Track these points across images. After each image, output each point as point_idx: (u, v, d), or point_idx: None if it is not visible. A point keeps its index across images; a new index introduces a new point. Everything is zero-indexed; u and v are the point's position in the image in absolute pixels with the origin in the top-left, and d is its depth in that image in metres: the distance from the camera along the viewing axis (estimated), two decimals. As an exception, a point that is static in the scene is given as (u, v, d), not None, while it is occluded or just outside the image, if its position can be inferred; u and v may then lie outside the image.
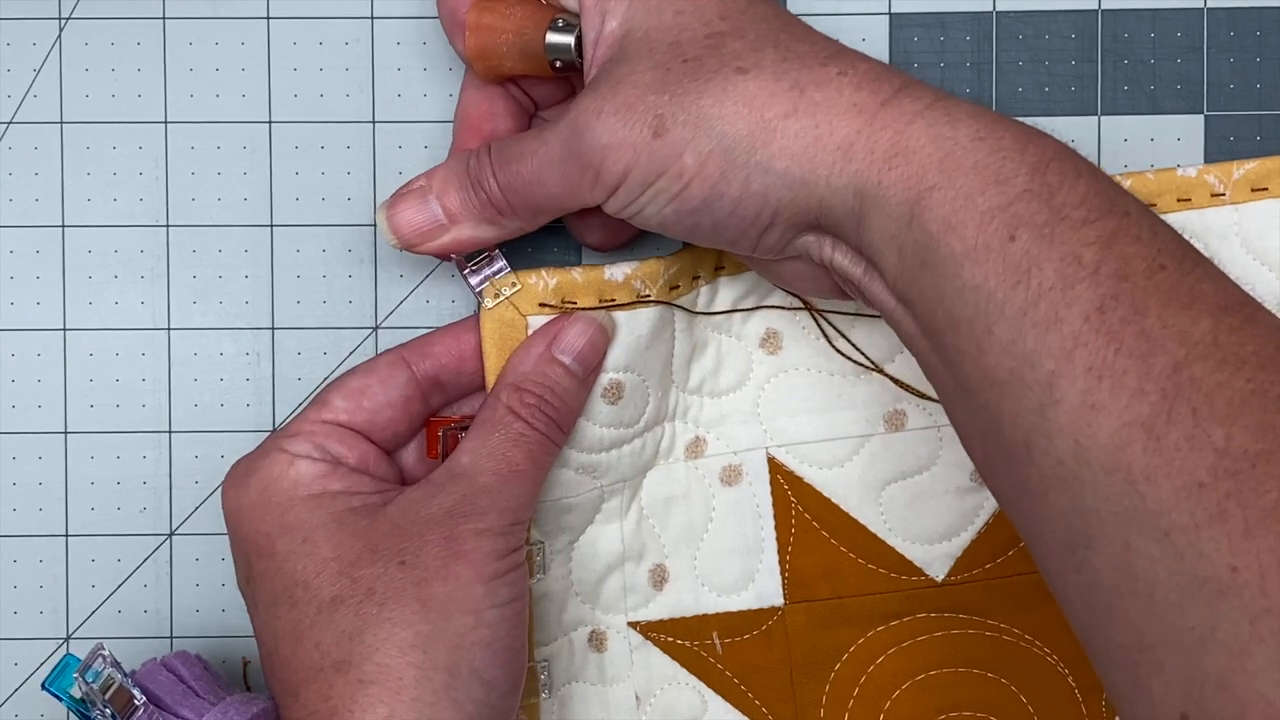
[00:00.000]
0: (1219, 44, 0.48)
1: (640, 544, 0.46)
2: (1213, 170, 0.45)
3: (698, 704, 0.47)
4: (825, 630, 0.47)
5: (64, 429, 0.48)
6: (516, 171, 0.41)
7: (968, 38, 0.48)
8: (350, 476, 0.41)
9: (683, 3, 0.39)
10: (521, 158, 0.40)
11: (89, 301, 0.48)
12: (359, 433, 0.42)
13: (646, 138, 0.38)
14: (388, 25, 0.48)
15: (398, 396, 0.43)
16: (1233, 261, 0.45)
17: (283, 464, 0.41)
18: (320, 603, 0.39)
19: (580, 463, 0.44)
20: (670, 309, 0.44)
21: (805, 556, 0.46)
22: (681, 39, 0.39)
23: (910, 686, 0.47)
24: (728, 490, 0.46)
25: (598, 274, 0.43)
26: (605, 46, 0.40)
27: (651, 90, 0.38)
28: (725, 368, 0.46)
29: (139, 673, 0.44)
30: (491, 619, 0.39)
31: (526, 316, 0.43)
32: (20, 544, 0.48)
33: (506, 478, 0.41)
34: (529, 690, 0.45)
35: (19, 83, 0.48)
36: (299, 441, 0.42)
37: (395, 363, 0.43)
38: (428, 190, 0.42)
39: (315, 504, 0.40)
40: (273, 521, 0.40)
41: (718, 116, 0.37)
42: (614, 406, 0.44)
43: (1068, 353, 0.33)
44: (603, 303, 0.43)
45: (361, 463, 0.42)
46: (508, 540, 0.40)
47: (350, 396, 0.43)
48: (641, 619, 0.46)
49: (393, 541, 0.39)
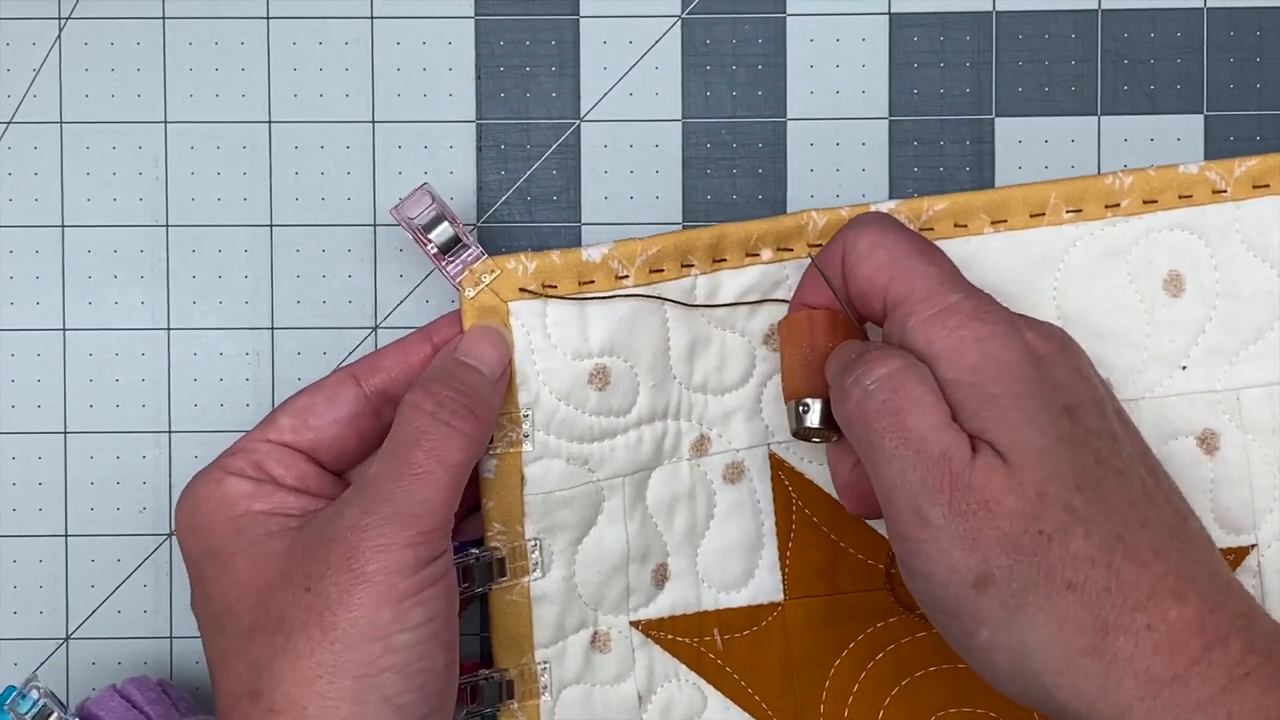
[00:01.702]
0: (1219, 44, 0.48)
1: (645, 545, 0.46)
2: (1214, 167, 0.45)
3: (698, 701, 0.47)
4: (825, 626, 0.47)
5: (64, 429, 0.48)
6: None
7: (968, 38, 0.48)
8: (275, 495, 0.41)
9: (1054, 464, 0.37)
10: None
11: (89, 301, 0.48)
12: (302, 452, 0.42)
13: (967, 583, 0.37)
14: (388, 25, 0.48)
15: (345, 414, 0.42)
16: (1233, 258, 0.45)
17: (213, 484, 0.41)
18: (241, 630, 0.39)
19: (571, 453, 0.44)
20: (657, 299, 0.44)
21: (805, 552, 0.46)
22: (1044, 510, 0.36)
23: (910, 682, 0.47)
24: (730, 488, 0.46)
25: (575, 256, 0.43)
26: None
27: (1001, 547, 0.36)
28: (729, 364, 0.46)
29: (92, 700, 0.44)
30: (402, 643, 0.38)
31: (508, 303, 0.43)
32: (20, 544, 0.48)
33: (408, 482, 0.39)
34: (529, 693, 0.45)
35: (19, 83, 0.48)
36: (238, 459, 0.41)
37: (343, 380, 0.43)
38: None
39: (237, 527, 0.40)
40: (201, 546, 0.40)
41: (1030, 623, 0.36)
42: (602, 393, 0.44)
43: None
44: (582, 285, 0.43)
45: (300, 482, 0.41)
46: (416, 554, 0.38)
47: (296, 415, 0.42)
48: (643, 618, 0.46)
49: (301, 566, 0.39)
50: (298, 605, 0.38)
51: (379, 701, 0.38)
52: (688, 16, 0.48)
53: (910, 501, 0.37)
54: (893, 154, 0.48)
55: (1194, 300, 0.45)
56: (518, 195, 0.48)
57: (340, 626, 0.37)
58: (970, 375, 0.38)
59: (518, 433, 0.44)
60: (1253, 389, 0.45)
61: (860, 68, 0.48)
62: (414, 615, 0.38)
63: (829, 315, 0.42)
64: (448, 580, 0.39)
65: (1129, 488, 0.38)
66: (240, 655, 0.39)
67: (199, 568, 0.40)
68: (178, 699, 0.46)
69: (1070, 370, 0.39)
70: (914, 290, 0.39)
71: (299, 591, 0.38)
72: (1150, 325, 0.45)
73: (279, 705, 0.38)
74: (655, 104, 0.48)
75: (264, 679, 0.38)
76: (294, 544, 0.39)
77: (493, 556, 0.44)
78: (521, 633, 0.45)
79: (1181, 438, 0.45)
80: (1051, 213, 0.44)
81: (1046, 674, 0.37)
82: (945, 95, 0.48)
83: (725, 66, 0.48)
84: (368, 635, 0.37)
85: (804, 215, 0.45)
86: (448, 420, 0.40)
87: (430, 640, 0.38)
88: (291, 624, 0.38)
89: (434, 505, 0.39)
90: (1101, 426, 0.39)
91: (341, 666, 0.37)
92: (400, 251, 0.48)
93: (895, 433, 0.37)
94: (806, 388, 0.42)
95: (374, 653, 0.37)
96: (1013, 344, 0.38)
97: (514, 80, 0.48)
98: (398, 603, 0.38)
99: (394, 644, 0.38)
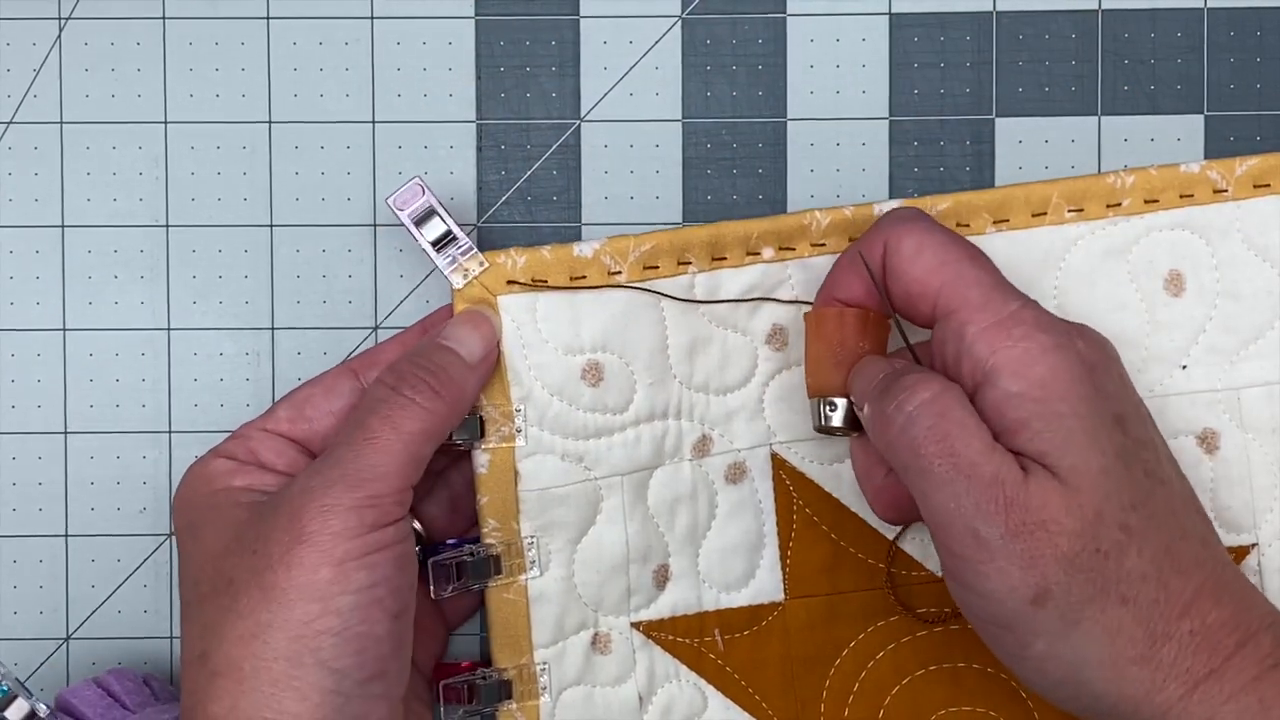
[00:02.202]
0: (1219, 44, 0.48)
1: (645, 546, 0.46)
2: (1215, 166, 0.45)
3: (699, 701, 0.47)
4: (826, 626, 0.47)
5: (64, 429, 0.48)
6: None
7: (968, 38, 0.48)
8: (256, 474, 0.41)
9: (1110, 484, 0.38)
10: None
11: (89, 301, 0.48)
12: (296, 442, 0.43)
13: (1025, 600, 0.37)
14: (388, 25, 0.48)
15: (341, 405, 0.43)
16: (1234, 258, 0.45)
17: (201, 464, 0.42)
18: (200, 595, 0.39)
19: (565, 449, 0.44)
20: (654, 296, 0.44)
21: (806, 552, 0.46)
22: (1101, 530, 0.37)
23: (911, 681, 0.47)
24: (731, 488, 0.46)
25: (567, 251, 0.44)
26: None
27: (1059, 565, 0.37)
28: (731, 364, 0.46)
29: (68, 690, 0.45)
30: (342, 606, 0.38)
31: (496, 296, 0.43)
32: (20, 544, 0.48)
33: (360, 447, 0.39)
34: (528, 693, 0.45)
35: (19, 83, 0.48)
36: (232, 443, 0.42)
37: (342, 373, 0.44)
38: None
39: (213, 502, 0.41)
40: (183, 521, 0.41)
41: (1085, 635, 0.37)
42: (595, 389, 0.44)
43: None
44: (573, 280, 0.43)
45: (290, 468, 0.42)
46: (361, 516, 0.38)
47: (294, 406, 0.43)
48: (644, 619, 0.46)
49: (251, 528, 0.39)
50: (243, 566, 0.38)
51: (315, 665, 0.37)
52: (688, 16, 0.48)
53: (965, 525, 0.37)
54: (893, 154, 0.48)
55: (1194, 299, 0.45)
56: (518, 195, 0.48)
57: (279, 585, 0.38)
58: (1038, 391, 0.38)
59: (510, 427, 0.44)
60: (1253, 388, 0.45)
61: (860, 68, 0.48)
62: (357, 579, 0.38)
63: (861, 314, 0.42)
64: (400, 549, 0.39)
65: (1171, 498, 0.39)
66: (195, 620, 0.39)
67: (180, 543, 0.41)
68: (159, 690, 0.46)
69: (1117, 379, 0.40)
70: (969, 298, 0.39)
71: (247, 554, 0.38)
72: (1151, 324, 0.45)
73: (220, 666, 0.38)
74: (655, 104, 0.48)
75: (209, 640, 0.38)
76: (252, 512, 0.40)
77: (487, 553, 0.44)
78: (519, 632, 0.45)
79: (1182, 437, 0.45)
80: (1053, 212, 0.44)
81: (1098, 682, 0.38)
82: (945, 95, 0.48)
83: (725, 66, 0.48)
84: (306, 595, 0.37)
85: (807, 215, 0.45)
86: (406, 393, 0.40)
87: (372, 605, 0.38)
88: (237, 585, 0.38)
89: (385, 471, 0.39)
90: (1145, 436, 0.39)
91: (277, 624, 0.37)
92: (400, 251, 0.48)
93: (945, 458, 0.38)
94: (832, 386, 0.42)
95: (311, 613, 0.37)
96: (1073, 357, 0.38)
97: (514, 80, 0.48)
98: (339, 564, 0.38)
99: (333, 605, 0.38)
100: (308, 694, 0.37)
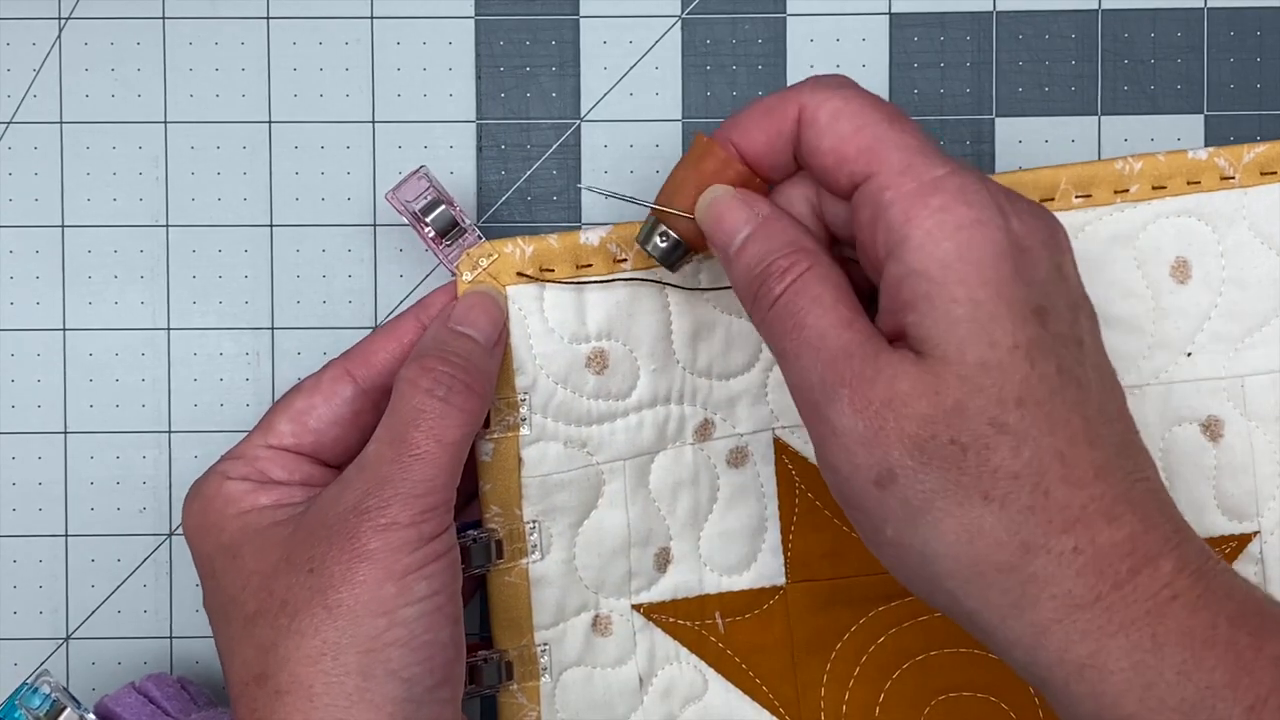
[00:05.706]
0: (1219, 44, 0.48)
1: (647, 529, 0.46)
2: (1222, 154, 0.45)
3: (699, 683, 0.47)
4: (827, 610, 0.47)
5: (64, 429, 0.48)
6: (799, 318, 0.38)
7: (968, 38, 0.48)
8: (278, 490, 0.41)
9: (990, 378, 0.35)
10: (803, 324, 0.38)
11: (89, 301, 0.48)
12: (304, 455, 0.42)
13: (869, 480, 0.36)
14: (388, 25, 0.48)
15: (345, 413, 0.42)
16: (1240, 245, 0.45)
17: (216, 485, 0.41)
18: (245, 617, 0.39)
19: (569, 436, 0.44)
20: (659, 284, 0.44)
21: (808, 536, 0.47)
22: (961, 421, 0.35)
23: (911, 666, 0.47)
24: (734, 472, 0.47)
25: (573, 239, 0.44)
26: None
27: (903, 447, 0.35)
28: (735, 349, 0.46)
29: (109, 697, 0.44)
30: (407, 617, 0.38)
31: (505, 287, 0.43)
32: (20, 544, 0.48)
33: (407, 464, 0.39)
34: (528, 674, 0.45)
35: (19, 83, 0.48)
36: (239, 465, 0.42)
37: (339, 378, 0.43)
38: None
39: (244, 520, 0.40)
40: (212, 543, 0.41)
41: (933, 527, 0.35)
42: (600, 377, 0.44)
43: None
44: (580, 268, 0.44)
45: (306, 480, 0.42)
46: (420, 530, 0.39)
47: (295, 419, 0.42)
48: (645, 601, 0.46)
49: (304, 549, 0.39)
50: (301, 586, 0.38)
51: (386, 675, 0.38)
52: (688, 16, 0.48)
53: (809, 398, 0.37)
54: (893, 154, 0.48)
55: (1200, 287, 0.45)
56: (518, 195, 0.48)
57: (344, 604, 0.38)
58: (936, 270, 0.35)
59: (515, 416, 0.44)
60: (1257, 376, 0.45)
61: (860, 68, 0.48)
62: (418, 589, 0.38)
63: (746, 177, 0.40)
64: (452, 555, 0.40)
65: (1084, 402, 0.36)
66: (246, 641, 0.39)
67: (209, 564, 0.41)
68: (196, 694, 0.46)
69: (1051, 267, 0.37)
70: (890, 161, 0.37)
71: (302, 574, 0.39)
72: (1156, 311, 0.45)
73: (285, 685, 0.38)
74: (655, 104, 0.48)
75: (269, 661, 0.38)
76: (297, 528, 0.40)
77: (490, 538, 0.44)
78: (520, 614, 0.45)
79: (1186, 424, 0.45)
80: (1061, 198, 0.44)
81: (952, 581, 0.36)
82: (945, 95, 0.48)
83: (725, 66, 0.48)
84: (372, 610, 0.38)
85: None
86: (445, 397, 0.40)
87: (435, 613, 0.39)
88: (295, 605, 0.38)
89: (435, 484, 0.39)
90: (1070, 333, 0.36)
91: (346, 643, 0.38)
92: (400, 251, 0.48)
93: (794, 333, 0.37)
94: (682, 208, 0.40)
95: (379, 627, 0.38)
96: (993, 235, 0.36)
97: (514, 80, 0.48)
98: (401, 578, 0.38)
99: (399, 618, 0.38)
100: (381, 705, 0.38)
